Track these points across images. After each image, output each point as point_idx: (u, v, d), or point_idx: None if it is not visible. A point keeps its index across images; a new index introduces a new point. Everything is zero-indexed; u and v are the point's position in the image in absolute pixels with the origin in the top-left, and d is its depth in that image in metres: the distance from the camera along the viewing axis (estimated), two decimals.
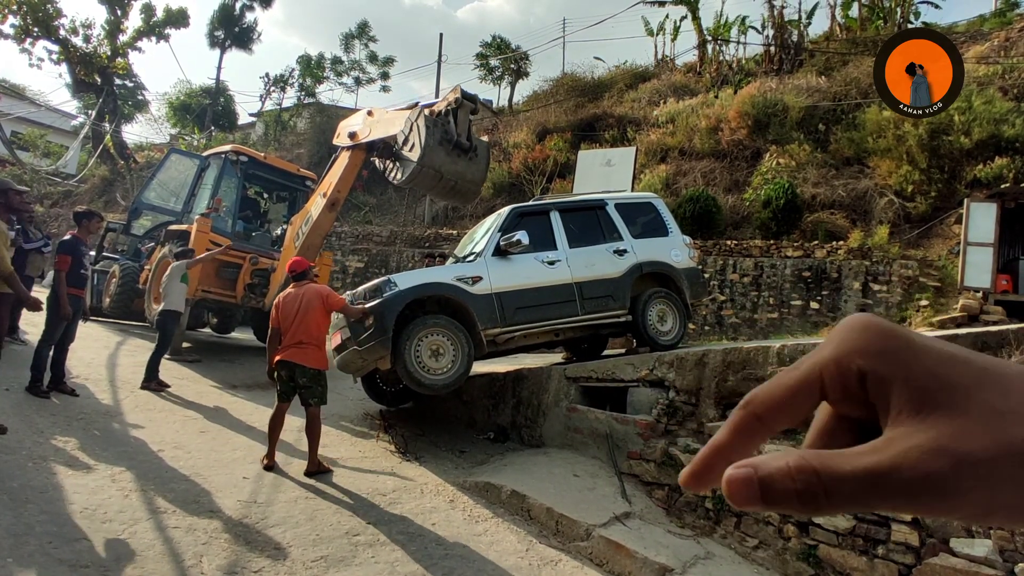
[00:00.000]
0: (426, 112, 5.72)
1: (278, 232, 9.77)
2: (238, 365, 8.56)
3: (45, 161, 24.34)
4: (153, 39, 22.88)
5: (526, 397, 6.06)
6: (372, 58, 26.82)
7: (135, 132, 51.30)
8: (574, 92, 18.70)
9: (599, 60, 35.54)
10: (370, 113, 6.92)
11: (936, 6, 17.65)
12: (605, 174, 12.34)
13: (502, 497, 4.65)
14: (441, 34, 45.10)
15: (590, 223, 6.45)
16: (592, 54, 50.74)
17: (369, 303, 5.45)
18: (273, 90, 26.84)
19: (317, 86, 26.19)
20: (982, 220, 9.54)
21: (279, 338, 5.00)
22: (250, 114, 28.61)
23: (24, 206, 6.55)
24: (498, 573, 3.72)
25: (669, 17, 19.37)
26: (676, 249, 6.56)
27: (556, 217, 6.31)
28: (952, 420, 0.29)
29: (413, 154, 5.66)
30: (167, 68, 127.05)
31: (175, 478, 4.43)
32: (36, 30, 20.41)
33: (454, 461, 5.61)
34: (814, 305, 10.00)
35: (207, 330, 11.03)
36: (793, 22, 16.73)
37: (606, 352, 7.37)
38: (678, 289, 6.38)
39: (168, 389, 6.54)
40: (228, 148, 10.05)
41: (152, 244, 10.03)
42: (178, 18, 22.92)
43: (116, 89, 23.30)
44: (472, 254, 6.17)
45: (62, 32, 20.92)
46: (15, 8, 19.83)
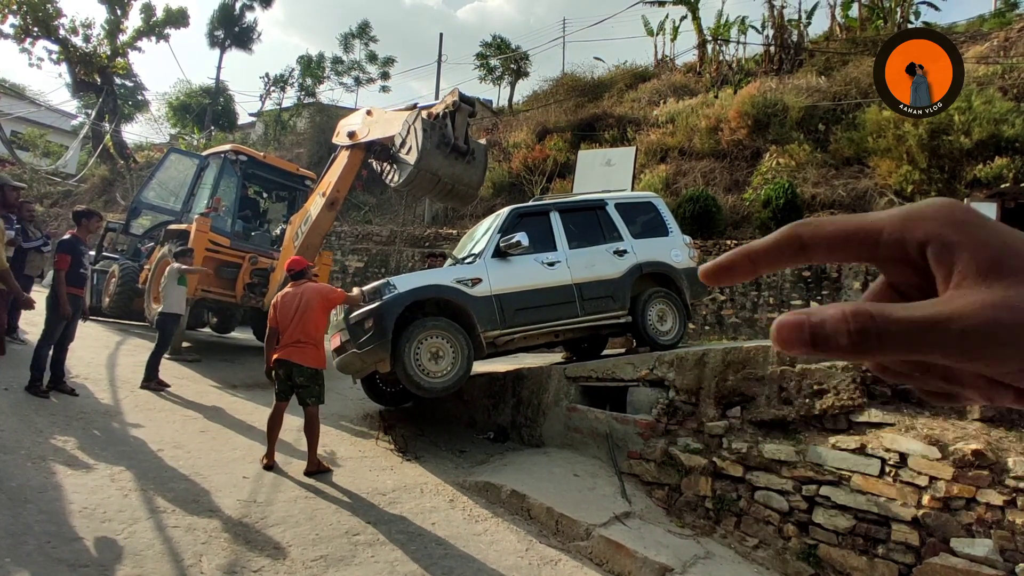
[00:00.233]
0: (424, 115, 5.70)
1: (277, 231, 9.77)
2: (238, 365, 8.56)
3: (45, 161, 24.35)
4: (153, 39, 22.89)
5: (526, 397, 6.06)
6: (372, 58, 26.84)
7: (135, 132, 51.28)
8: (574, 92, 18.70)
9: (599, 60, 35.62)
10: (369, 113, 6.91)
11: (936, 7, 17.65)
12: (605, 174, 12.33)
13: (502, 497, 4.64)
14: (441, 34, 45.18)
15: (590, 223, 6.43)
16: (592, 54, 50.87)
17: (368, 305, 5.43)
18: (273, 90, 26.87)
19: (317, 86, 26.23)
20: None
21: (277, 338, 4.98)
22: (250, 114, 28.67)
23: (19, 203, 6.55)
24: (498, 573, 3.72)
25: (669, 17, 19.41)
26: (676, 249, 6.55)
27: (556, 217, 6.29)
28: (1020, 287, 0.29)
29: (410, 157, 5.63)
30: (167, 68, 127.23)
31: (175, 477, 4.43)
32: (36, 30, 20.41)
33: (454, 461, 5.60)
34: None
35: (207, 330, 11.02)
36: (793, 22, 16.73)
37: (606, 352, 7.36)
38: (678, 289, 6.37)
39: (168, 389, 6.54)
40: (227, 148, 10.04)
41: (152, 244, 10.02)
42: (178, 18, 22.91)
43: (116, 89, 23.30)
44: (472, 255, 6.15)
45: (62, 32, 20.93)
46: (15, 8, 19.82)
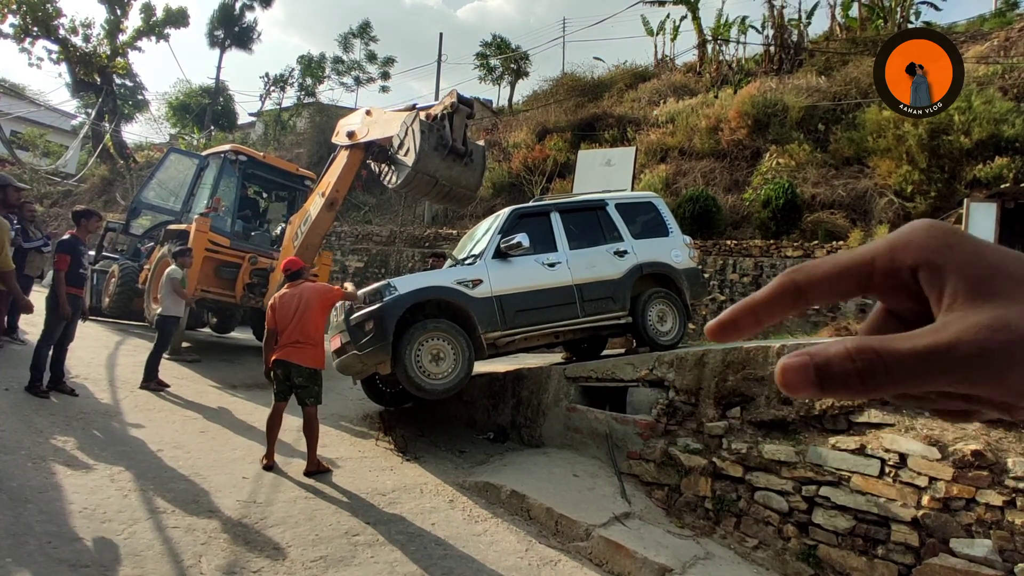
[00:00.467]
0: (422, 116, 5.69)
1: (277, 231, 9.77)
2: (237, 365, 8.56)
3: (45, 161, 24.36)
4: (153, 39, 22.89)
5: (526, 397, 6.05)
6: (371, 57, 26.83)
7: (135, 132, 51.24)
8: (574, 92, 18.69)
9: (599, 60, 35.55)
10: (369, 112, 6.91)
11: (936, 7, 17.65)
12: (605, 174, 12.33)
13: (501, 497, 4.64)
14: (441, 34, 45.10)
15: (590, 223, 6.43)
16: (592, 54, 50.76)
17: (369, 307, 5.41)
18: (273, 90, 26.87)
19: (317, 86, 26.23)
20: (982, 220, 9.54)
21: (275, 339, 4.96)
22: (250, 114, 28.68)
23: (21, 204, 6.55)
24: (497, 573, 3.72)
25: (669, 17, 19.38)
26: (676, 249, 6.55)
27: (556, 218, 6.29)
28: (1010, 304, 0.30)
29: (408, 159, 5.62)
30: (167, 68, 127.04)
31: (174, 478, 4.43)
32: (36, 29, 20.40)
33: (454, 461, 5.60)
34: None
35: (206, 330, 11.02)
36: (793, 22, 16.72)
37: (606, 352, 7.36)
38: (678, 289, 6.37)
39: (167, 389, 6.54)
40: (227, 147, 10.04)
41: (151, 243, 10.02)
42: (178, 18, 22.91)
43: (116, 89, 23.31)
44: (472, 256, 6.15)
45: (62, 32, 20.93)
46: (15, 8, 19.81)
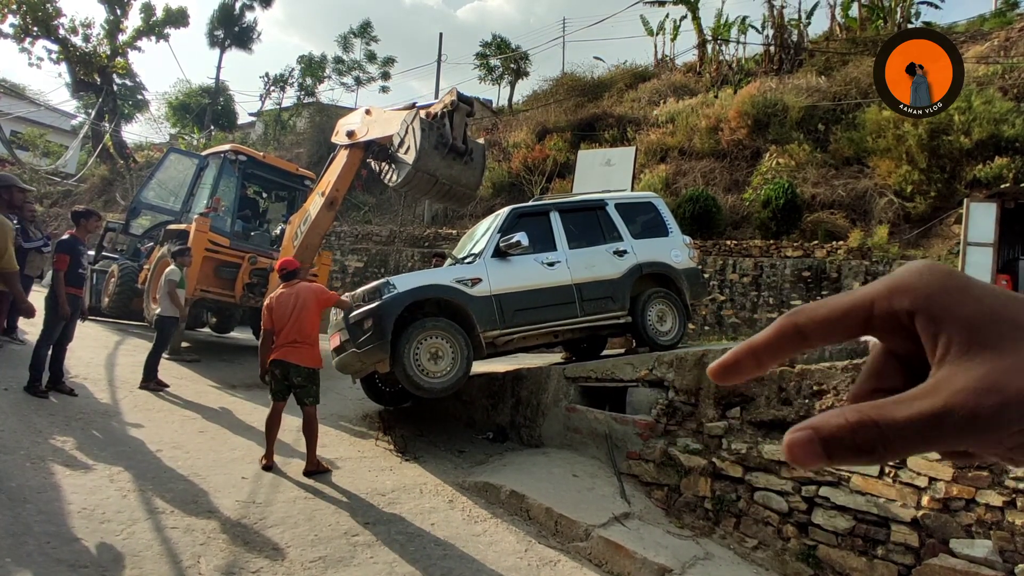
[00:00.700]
0: (422, 115, 5.69)
1: (277, 231, 9.76)
2: (237, 365, 8.55)
3: (44, 160, 24.36)
4: (153, 39, 22.88)
5: (525, 397, 6.05)
6: (371, 57, 26.84)
7: (135, 132, 51.19)
8: (574, 92, 18.70)
9: (599, 60, 35.53)
10: (368, 112, 6.90)
11: (936, 6, 17.65)
12: (605, 174, 12.32)
13: (501, 497, 4.64)
14: (441, 34, 45.05)
15: (590, 223, 6.43)
16: (592, 54, 50.72)
17: (368, 305, 5.41)
18: (273, 90, 26.88)
19: (318, 86, 26.24)
20: (982, 220, 9.54)
21: (272, 339, 4.94)
22: (250, 114, 28.68)
23: (25, 205, 6.55)
24: (497, 574, 3.71)
25: (669, 17, 19.40)
26: (676, 249, 6.55)
27: (556, 218, 6.29)
28: (1002, 357, 0.29)
29: (408, 157, 5.63)
30: (167, 68, 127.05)
31: (173, 478, 4.42)
32: (36, 29, 20.39)
33: (453, 461, 5.60)
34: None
35: (206, 330, 11.02)
36: (793, 22, 16.73)
37: (605, 352, 7.36)
38: (678, 289, 6.37)
39: (167, 389, 6.54)
40: (227, 147, 10.04)
41: (151, 243, 10.02)
42: (178, 18, 22.91)
43: (116, 88, 23.29)
44: (471, 255, 6.15)
45: (62, 31, 20.92)
46: (15, 7, 19.81)
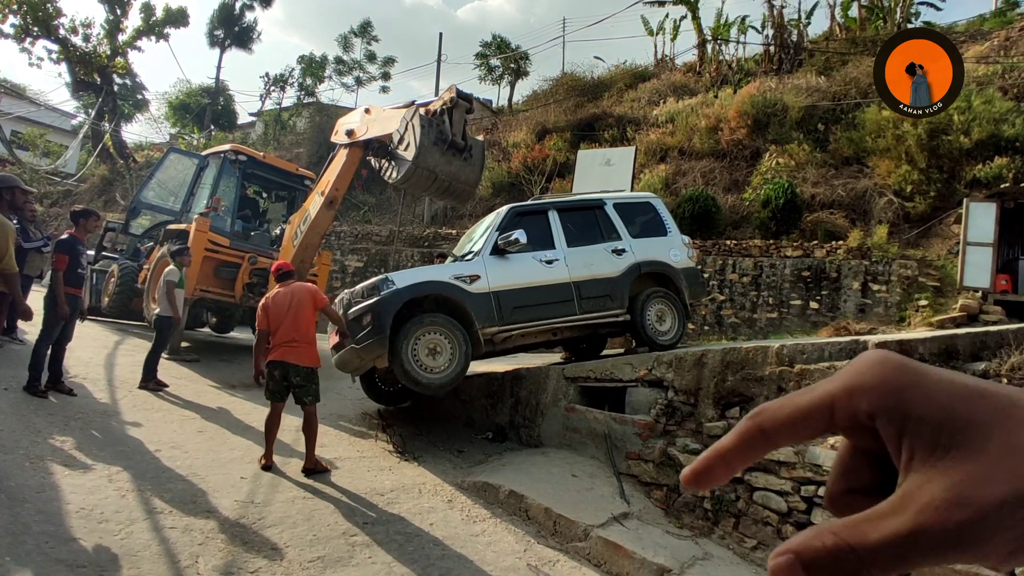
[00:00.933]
0: (421, 112, 5.71)
1: (277, 231, 9.76)
2: (236, 365, 8.55)
3: (44, 160, 24.36)
4: (153, 38, 22.86)
5: (524, 397, 6.05)
6: (371, 57, 26.84)
7: (135, 131, 51.20)
8: (574, 92, 18.70)
9: (599, 60, 35.50)
10: (368, 111, 6.91)
11: (936, 7, 17.65)
12: (604, 174, 12.32)
13: (500, 497, 4.64)
14: (441, 33, 45.01)
15: (588, 223, 6.43)
16: (592, 54, 50.70)
17: (366, 301, 5.43)
18: (273, 90, 26.87)
19: (318, 86, 26.24)
20: (981, 220, 9.54)
21: (267, 340, 4.91)
22: (250, 113, 28.66)
23: (26, 206, 6.55)
24: (496, 574, 3.71)
25: (669, 17, 19.41)
26: (675, 249, 6.55)
27: (554, 216, 6.30)
28: (968, 462, 0.27)
29: (408, 153, 5.65)
30: (167, 67, 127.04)
31: (172, 478, 4.42)
32: (36, 29, 20.39)
33: (452, 461, 5.60)
34: (813, 305, 10.00)
35: (206, 330, 11.02)
36: (793, 22, 16.73)
37: (605, 352, 7.36)
38: (677, 289, 6.37)
39: (166, 388, 6.54)
40: (227, 147, 10.03)
41: (151, 243, 10.02)
42: (178, 17, 22.90)
43: (116, 88, 23.28)
44: (470, 253, 6.17)
45: (62, 31, 20.91)
46: (15, 7, 19.81)
